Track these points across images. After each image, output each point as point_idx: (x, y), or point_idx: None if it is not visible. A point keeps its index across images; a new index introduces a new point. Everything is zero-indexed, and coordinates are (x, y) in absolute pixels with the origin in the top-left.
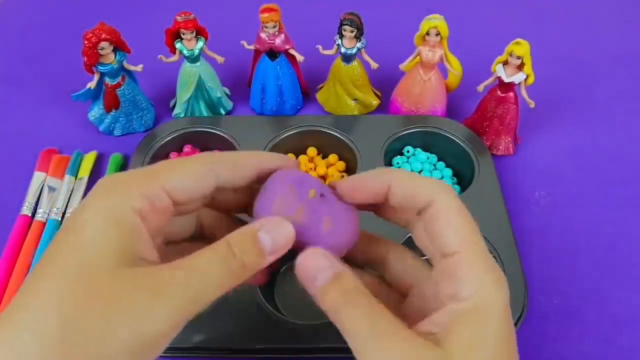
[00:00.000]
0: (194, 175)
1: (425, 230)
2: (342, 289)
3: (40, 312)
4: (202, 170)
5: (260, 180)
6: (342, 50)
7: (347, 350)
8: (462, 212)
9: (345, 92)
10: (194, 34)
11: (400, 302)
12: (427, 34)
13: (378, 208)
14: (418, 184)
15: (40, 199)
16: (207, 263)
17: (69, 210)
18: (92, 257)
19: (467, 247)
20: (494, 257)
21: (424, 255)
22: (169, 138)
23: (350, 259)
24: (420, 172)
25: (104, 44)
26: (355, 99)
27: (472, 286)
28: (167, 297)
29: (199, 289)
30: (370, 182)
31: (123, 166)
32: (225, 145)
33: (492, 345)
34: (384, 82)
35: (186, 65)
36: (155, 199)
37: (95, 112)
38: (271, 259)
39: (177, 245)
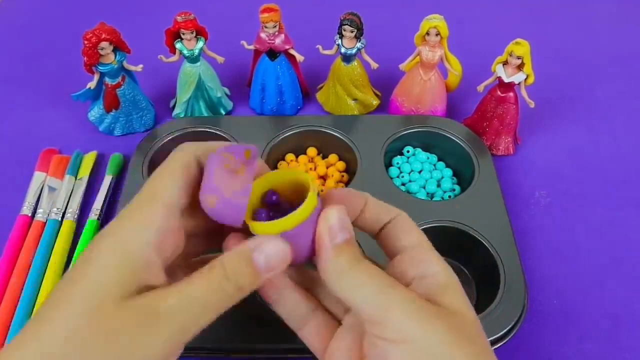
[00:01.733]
0: (181, 171)
1: (389, 237)
2: (355, 252)
3: (49, 346)
4: (188, 163)
5: None
6: (342, 50)
7: None
8: (415, 225)
9: (345, 92)
10: (194, 34)
11: None
12: (427, 34)
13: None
14: (386, 205)
15: (40, 199)
16: (201, 290)
17: (69, 210)
18: (97, 291)
19: (423, 243)
20: (493, 257)
21: None
22: (169, 138)
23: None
24: (420, 172)
25: (104, 44)
26: (355, 99)
27: (435, 267)
28: (164, 324)
29: (193, 317)
30: (354, 196)
31: (123, 166)
32: None
33: (468, 303)
34: (384, 82)
35: (186, 65)
36: (168, 224)
37: (95, 112)
38: (267, 276)
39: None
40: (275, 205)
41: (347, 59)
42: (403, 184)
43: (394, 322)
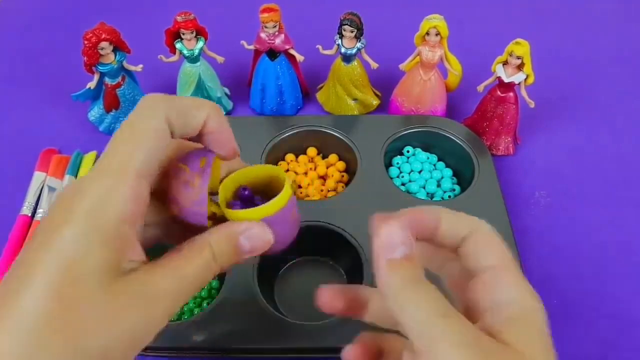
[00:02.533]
0: (156, 138)
1: (468, 255)
2: (412, 270)
3: (32, 327)
4: (160, 127)
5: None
6: (342, 50)
7: None
8: (498, 237)
9: (345, 92)
10: (194, 34)
11: None
12: (427, 34)
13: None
14: (460, 218)
15: (40, 199)
16: (192, 270)
17: None
18: (81, 272)
19: (503, 263)
20: None
21: None
22: None
23: None
24: (420, 172)
25: (104, 44)
26: (355, 99)
27: (511, 294)
28: (160, 305)
29: (183, 295)
30: (426, 213)
31: None
32: None
33: (544, 343)
34: (384, 82)
35: (186, 65)
36: (137, 190)
37: (95, 112)
38: (246, 258)
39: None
40: (249, 198)
41: (347, 59)
42: (403, 184)
43: (438, 356)
